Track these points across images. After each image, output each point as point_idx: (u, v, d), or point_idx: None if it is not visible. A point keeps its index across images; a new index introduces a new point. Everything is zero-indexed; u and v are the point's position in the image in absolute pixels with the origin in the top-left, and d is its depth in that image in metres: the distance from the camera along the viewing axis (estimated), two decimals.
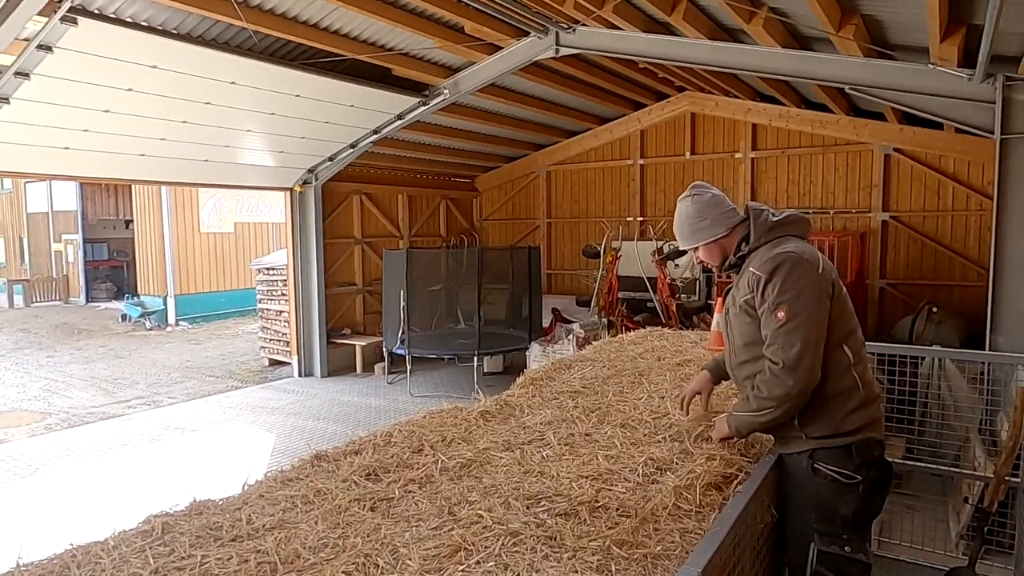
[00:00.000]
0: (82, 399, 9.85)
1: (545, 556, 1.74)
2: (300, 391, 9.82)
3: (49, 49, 5.52)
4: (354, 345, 10.91)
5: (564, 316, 10.69)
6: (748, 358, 2.45)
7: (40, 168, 7.93)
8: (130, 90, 6.48)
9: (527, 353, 9.40)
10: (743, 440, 2.60)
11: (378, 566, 1.75)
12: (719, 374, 2.79)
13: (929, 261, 9.35)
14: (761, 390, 2.30)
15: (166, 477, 6.38)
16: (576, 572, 1.66)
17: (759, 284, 2.33)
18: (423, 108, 8.68)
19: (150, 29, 5.92)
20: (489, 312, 10.32)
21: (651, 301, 9.74)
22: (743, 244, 2.48)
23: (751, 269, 2.40)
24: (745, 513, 1.98)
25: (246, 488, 2.33)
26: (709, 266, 2.69)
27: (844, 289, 2.41)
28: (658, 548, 1.84)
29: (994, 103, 5.31)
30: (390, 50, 7.39)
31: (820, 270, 2.32)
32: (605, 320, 9.50)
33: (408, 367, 9.70)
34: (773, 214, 2.49)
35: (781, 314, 2.25)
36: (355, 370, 10.86)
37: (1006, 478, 3.33)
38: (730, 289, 2.60)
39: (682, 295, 9.92)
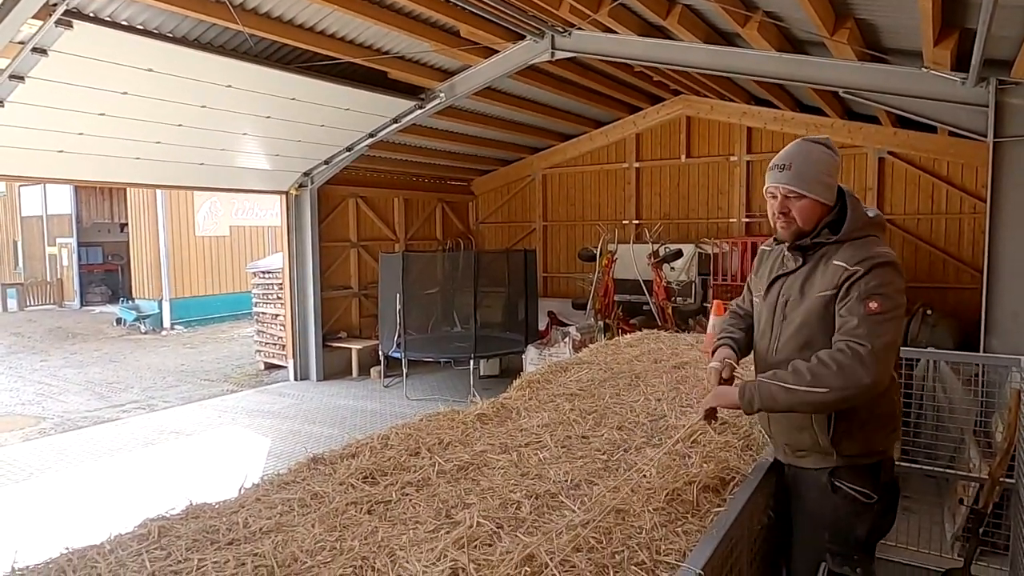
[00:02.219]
0: (76, 403, 9.80)
1: (545, 565, 1.73)
2: (296, 395, 9.79)
3: (44, 52, 5.51)
4: (350, 349, 10.89)
5: (560, 319, 10.69)
6: (796, 359, 2.14)
7: (34, 171, 7.90)
8: (125, 93, 6.47)
9: (523, 356, 9.41)
10: (741, 442, 2.60)
11: (375, 569, 1.74)
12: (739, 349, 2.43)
13: (923, 264, 9.39)
14: (828, 366, 1.98)
15: (162, 481, 6.35)
16: None
17: (850, 279, 2.06)
18: (419, 111, 8.69)
19: (146, 32, 5.92)
20: (485, 315, 10.32)
21: (647, 304, 9.76)
22: (825, 229, 2.19)
23: (837, 262, 2.11)
24: (742, 515, 1.98)
25: (242, 492, 2.33)
26: (779, 229, 2.24)
27: None
28: (656, 548, 1.84)
29: (987, 106, 5.35)
30: (386, 53, 7.40)
31: (904, 280, 2.14)
32: (601, 323, 9.51)
33: (404, 370, 9.69)
34: (866, 208, 2.22)
35: (874, 305, 2.00)
36: (351, 374, 10.83)
37: (1001, 479, 3.35)
38: (781, 275, 2.29)
39: (678, 298, 9.94)
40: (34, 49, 5.47)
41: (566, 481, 2.27)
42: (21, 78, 5.75)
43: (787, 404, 2.07)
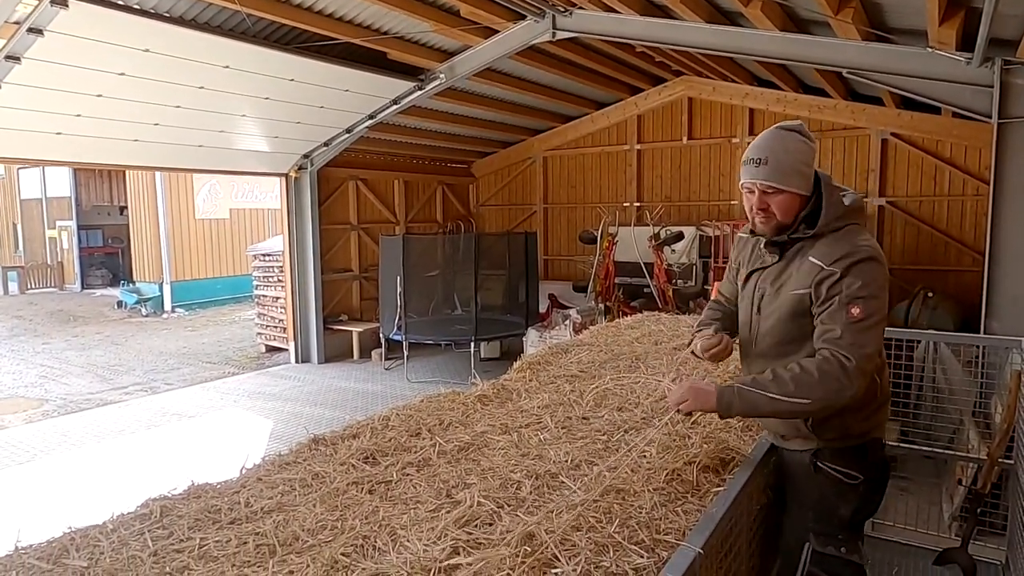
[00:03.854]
0: (79, 386, 9.84)
1: (545, 544, 1.74)
2: (297, 377, 9.83)
3: (40, 32, 5.46)
4: (351, 331, 10.91)
5: (561, 302, 10.70)
6: (774, 355, 2.18)
7: (32, 153, 7.87)
8: (122, 74, 6.41)
9: (524, 339, 9.43)
10: (740, 423, 2.61)
11: (376, 548, 1.76)
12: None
13: (925, 246, 9.37)
14: (812, 375, 1.95)
15: (164, 462, 6.39)
16: (574, 557, 1.67)
17: (828, 280, 2.01)
18: (419, 92, 8.62)
19: (142, 12, 5.85)
20: (486, 298, 10.33)
21: (648, 287, 9.75)
22: (802, 224, 2.12)
23: (813, 259, 2.06)
24: (742, 495, 1.99)
25: (244, 472, 2.34)
26: (758, 224, 2.18)
27: None
28: (656, 527, 1.85)
29: (992, 87, 5.30)
30: (385, 33, 7.32)
31: (887, 270, 2.09)
32: (602, 306, 9.52)
33: (405, 353, 9.71)
34: (843, 193, 2.16)
35: (856, 311, 1.96)
36: (352, 356, 10.86)
37: (999, 460, 3.36)
38: (758, 269, 2.26)
39: (678, 280, 9.93)
40: (30, 29, 5.42)
41: (566, 461, 2.27)
42: (17, 59, 5.70)
43: (769, 412, 2.08)
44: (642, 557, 1.68)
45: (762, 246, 2.25)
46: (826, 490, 2.22)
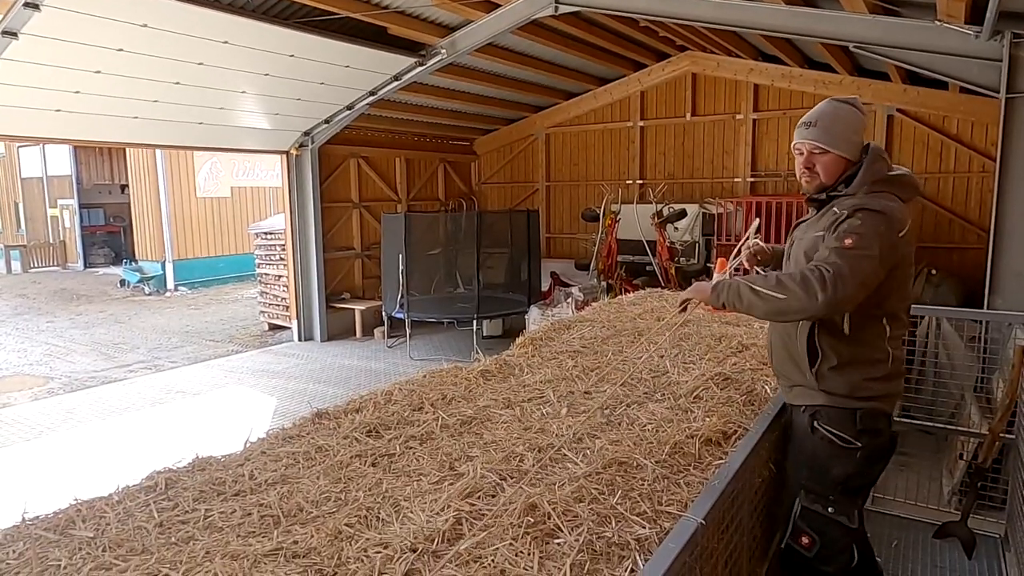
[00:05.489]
0: (83, 363, 9.90)
1: (547, 515, 1.75)
2: (300, 355, 9.86)
3: (36, 7, 5.39)
4: (353, 309, 10.93)
5: (563, 280, 10.69)
6: None
7: (32, 131, 7.83)
8: (121, 50, 6.34)
9: (526, 317, 9.43)
10: (743, 397, 2.61)
11: (380, 519, 1.77)
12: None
13: (929, 223, 9.32)
14: (793, 279, 2.08)
15: (169, 438, 6.44)
16: (576, 527, 1.68)
17: (835, 222, 2.16)
18: (420, 68, 8.53)
19: None
20: (488, 276, 10.32)
21: (650, 264, 9.73)
22: (841, 184, 2.27)
23: (835, 209, 2.22)
24: (744, 467, 2.00)
25: (248, 445, 2.35)
26: (804, 183, 2.35)
27: (909, 272, 2.30)
28: (658, 499, 1.86)
29: (1000, 61, 5.22)
30: (385, 8, 7.23)
31: (901, 236, 2.14)
32: (604, 283, 9.51)
33: (407, 331, 9.73)
34: (889, 168, 2.30)
35: (848, 241, 2.07)
36: (355, 334, 10.89)
37: (1001, 435, 3.37)
38: (800, 223, 2.47)
39: (681, 258, 9.91)
40: (26, 4, 5.35)
41: (569, 435, 2.28)
42: (15, 34, 5.64)
43: (748, 303, 2.17)
44: (644, 528, 1.69)
45: (809, 198, 2.39)
46: (819, 450, 2.31)
